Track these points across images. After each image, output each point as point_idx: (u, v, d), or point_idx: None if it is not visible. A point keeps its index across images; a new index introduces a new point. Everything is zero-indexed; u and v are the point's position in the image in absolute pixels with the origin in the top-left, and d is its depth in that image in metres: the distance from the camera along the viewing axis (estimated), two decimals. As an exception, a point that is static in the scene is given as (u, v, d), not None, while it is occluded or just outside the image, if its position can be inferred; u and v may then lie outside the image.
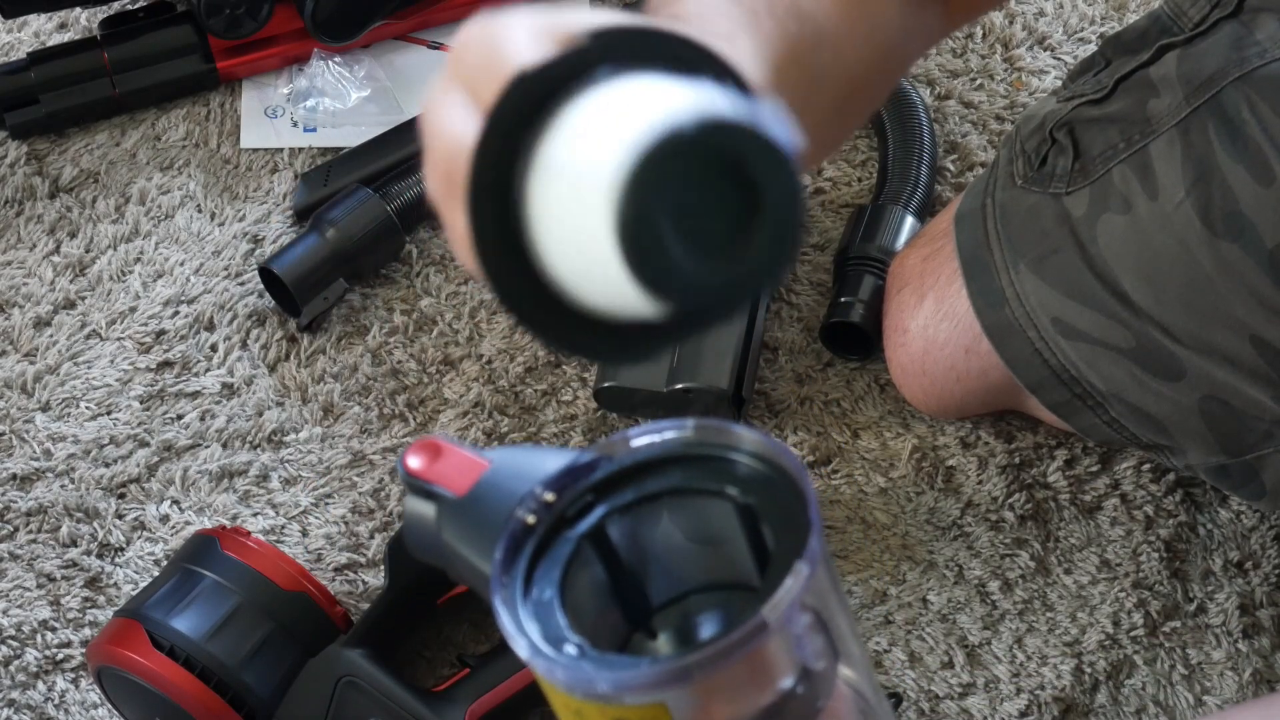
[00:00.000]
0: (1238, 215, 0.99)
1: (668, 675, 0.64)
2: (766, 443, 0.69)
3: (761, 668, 0.66)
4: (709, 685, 0.65)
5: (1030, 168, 1.10)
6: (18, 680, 1.15)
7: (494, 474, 0.73)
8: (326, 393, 1.25)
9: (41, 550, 1.20)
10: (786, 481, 0.68)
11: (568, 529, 0.69)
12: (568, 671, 0.65)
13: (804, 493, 0.67)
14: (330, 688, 1.07)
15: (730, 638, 0.63)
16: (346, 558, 1.19)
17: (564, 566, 0.68)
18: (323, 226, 1.27)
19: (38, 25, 1.44)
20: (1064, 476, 1.20)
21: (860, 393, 1.25)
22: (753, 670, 0.66)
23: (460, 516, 0.73)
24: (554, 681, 0.66)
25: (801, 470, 0.67)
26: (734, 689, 0.66)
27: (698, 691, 0.65)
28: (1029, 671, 1.14)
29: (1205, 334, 1.02)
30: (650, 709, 0.65)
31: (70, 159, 1.37)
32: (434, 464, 0.74)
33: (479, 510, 0.72)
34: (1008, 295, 1.09)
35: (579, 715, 0.67)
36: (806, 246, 1.30)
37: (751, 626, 0.63)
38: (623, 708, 0.65)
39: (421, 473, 0.74)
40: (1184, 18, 1.06)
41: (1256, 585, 1.17)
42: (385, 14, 1.38)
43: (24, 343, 1.28)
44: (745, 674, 0.66)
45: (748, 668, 0.66)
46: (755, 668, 0.66)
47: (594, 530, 0.69)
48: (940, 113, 1.36)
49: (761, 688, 0.67)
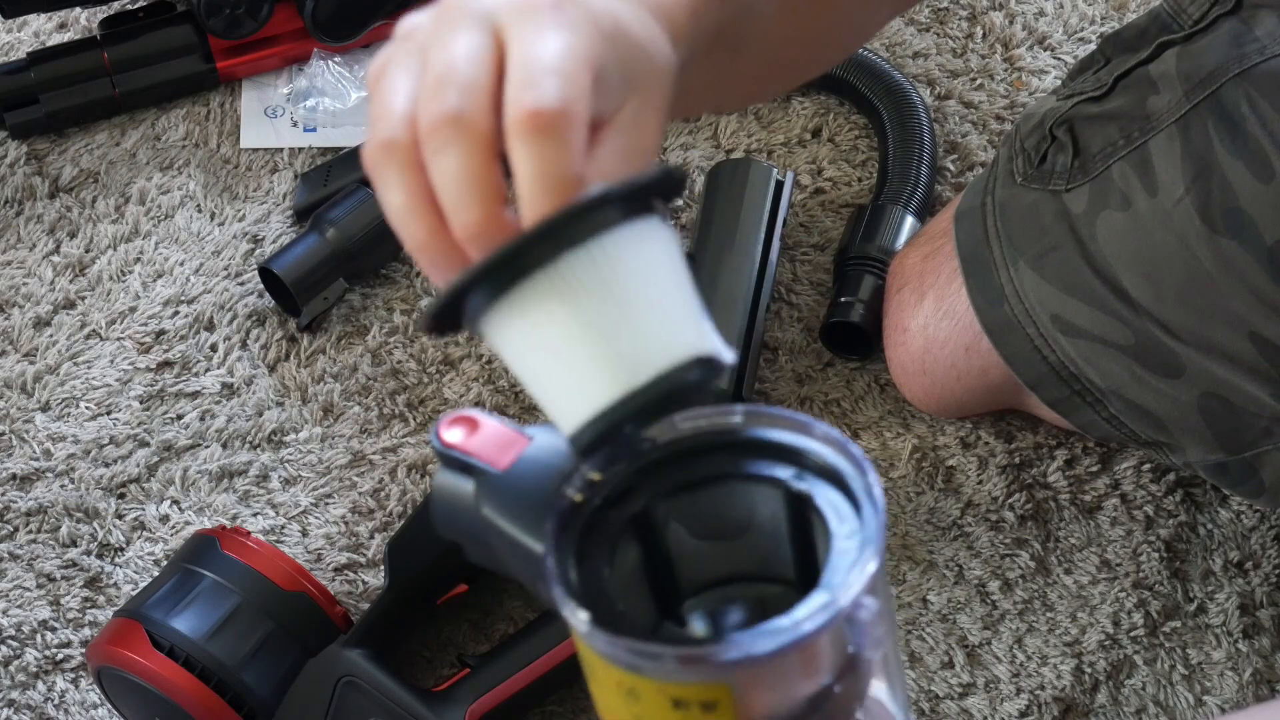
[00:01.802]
0: (1237, 212, 0.99)
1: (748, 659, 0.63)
2: (826, 430, 0.68)
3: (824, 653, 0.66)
4: (776, 667, 0.64)
5: (1030, 165, 1.10)
6: (17, 680, 1.15)
7: (536, 449, 0.71)
8: (326, 393, 1.25)
9: (41, 550, 1.20)
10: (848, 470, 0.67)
11: (612, 510, 0.68)
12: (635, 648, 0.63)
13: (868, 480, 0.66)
14: (330, 688, 1.07)
15: (810, 622, 0.63)
16: (346, 558, 1.19)
17: (610, 547, 0.67)
18: (323, 226, 1.27)
19: (38, 25, 1.44)
20: (1064, 476, 1.20)
21: (860, 393, 1.24)
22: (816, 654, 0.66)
23: (503, 491, 0.70)
24: (612, 658, 0.65)
25: (864, 459, 0.67)
26: (798, 673, 0.66)
27: (766, 675, 0.64)
28: (1029, 671, 1.14)
29: (1204, 331, 1.02)
30: (715, 688, 0.64)
31: (70, 159, 1.37)
32: (472, 437, 0.72)
33: (523, 485, 0.70)
34: (1007, 293, 1.09)
35: (632, 695, 0.66)
36: (806, 246, 1.31)
37: (829, 610, 0.63)
38: (685, 687, 0.64)
39: (460, 445, 0.72)
40: (1184, 15, 1.06)
41: (1257, 585, 1.17)
42: (385, 14, 1.38)
43: (24, 343, 1.28)
44: (810, 658, 0.66)
45: (813, 652, 0.65)
46: (820, 652, 0.66)
47: (639, 513, 0.68)
48: (940, 113, 1.36)
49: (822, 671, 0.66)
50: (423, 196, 0.65)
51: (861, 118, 1.37)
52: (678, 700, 0.65)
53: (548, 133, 0.63)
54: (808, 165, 1.34)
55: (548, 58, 0.64)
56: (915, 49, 1.40)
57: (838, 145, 1.35)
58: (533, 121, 0.63)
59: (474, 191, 0.64)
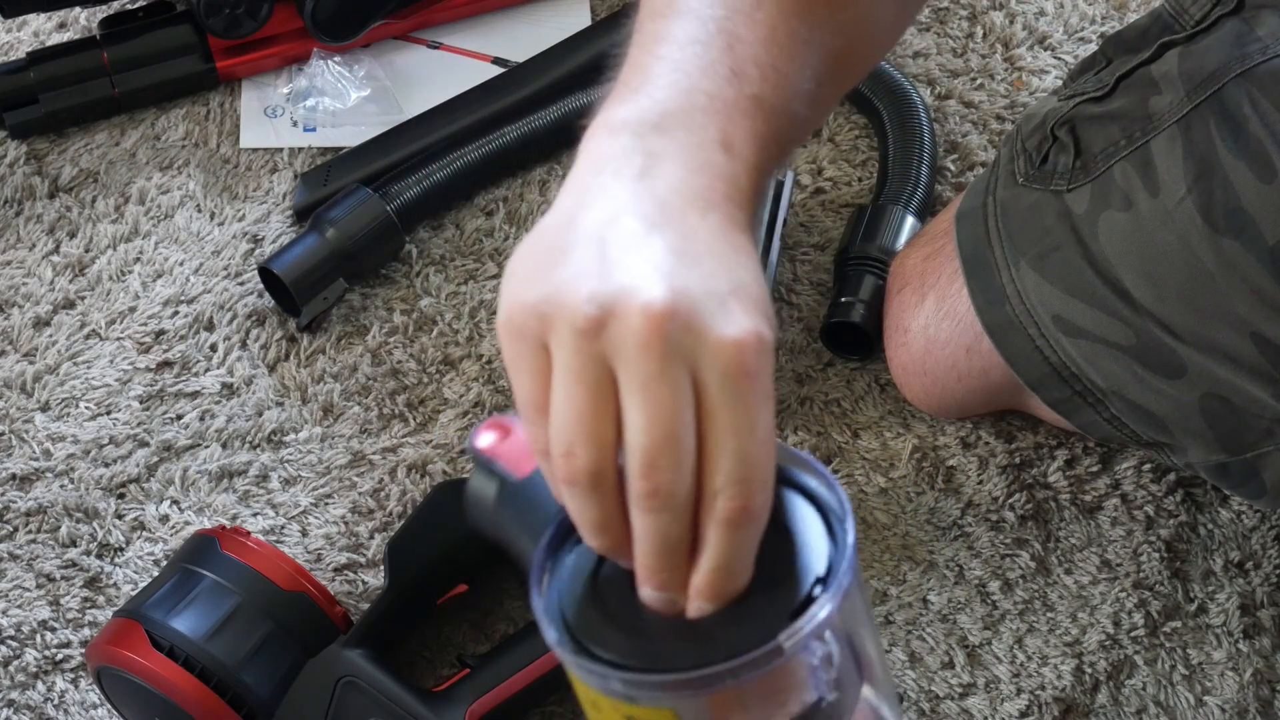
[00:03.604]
0: (1239, 211, 0.99)
1: (678, 684, 0.66)
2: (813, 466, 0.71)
3: (774, 690, 0.68)
4: (720, 699, 0.67)
5: (1031, 165, 1.10)
6: (17, 680, 1.15)
7: None
8: (326, 393, 1.25)
9: (41, 550, 1.20)
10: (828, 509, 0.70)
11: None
12: (586, 666, 0.67)
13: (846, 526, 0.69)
14: (330, 688, 1.07)
15: (744, 659, 0.65)
16: (346, 558, 1.19)
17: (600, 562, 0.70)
18: (323, 226, 1.27)
19: (37, 25, 1.44)
20: (1064, 476, 1.20)
21: (860, 393, 1.24)
22: (765, 691, 0.68)
23: (517, 498, 0.73)
24: (574, 672, 0.68)
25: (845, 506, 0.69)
26: (744, 707, 0.68)
27: (708, 704, 0.67)
28: (1029, 672, 1.14)
29: (1206, 331, 1.02)
30: (660, 713, 0.67)
31: (70, 159, 1.36)
32: (502, 443, 0.74)
33: (536, 495, 0.73)
34: (1008, 293, 1.09)
35: (595, 707, 0.69)
36: (807, 246, 1.31)
37: (766, 651, 0.65)
38: (635, 707, 0.67)
39: (489, 450, 0.74)
40: (1185, 15, 1.06)
41: (1257, 585, 1.17)
42: (385, 14, 1.38)
43: (24, 343, 1.28)
44: (757, 693, 0.68)
45: (760, 688, 0.67)
46: (768, 689, 0.68)
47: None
48: (940, 113, 1.36)
49: (773, 708, 0.69)
50: (620, 517, 0.68)
51: (861, 118, 1.37)
52: (630, 718, 0.68)
53: (744, 526, 0.66)
54: (808, 165, 1.34)
55: (756, 453, 0.66)
56: (915, 49, 1.40)
57: (838, 145, 1.35)
58: (737, 518, 0.66)
59: (670, 558, 0.67)
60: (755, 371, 0.66)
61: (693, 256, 0.68)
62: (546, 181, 1.34)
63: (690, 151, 0.73)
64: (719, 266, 0.69)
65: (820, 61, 0.82)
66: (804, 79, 0.81)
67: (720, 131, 0.75)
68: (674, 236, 0.69)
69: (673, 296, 0.66)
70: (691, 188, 0.72)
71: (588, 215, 0.70)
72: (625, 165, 0.72)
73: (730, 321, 0.66)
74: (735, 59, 0.78)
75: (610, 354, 0.66)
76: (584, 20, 1.43)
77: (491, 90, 1.37)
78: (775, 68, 0.79)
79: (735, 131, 0.75)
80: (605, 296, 0.66)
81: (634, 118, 0.74)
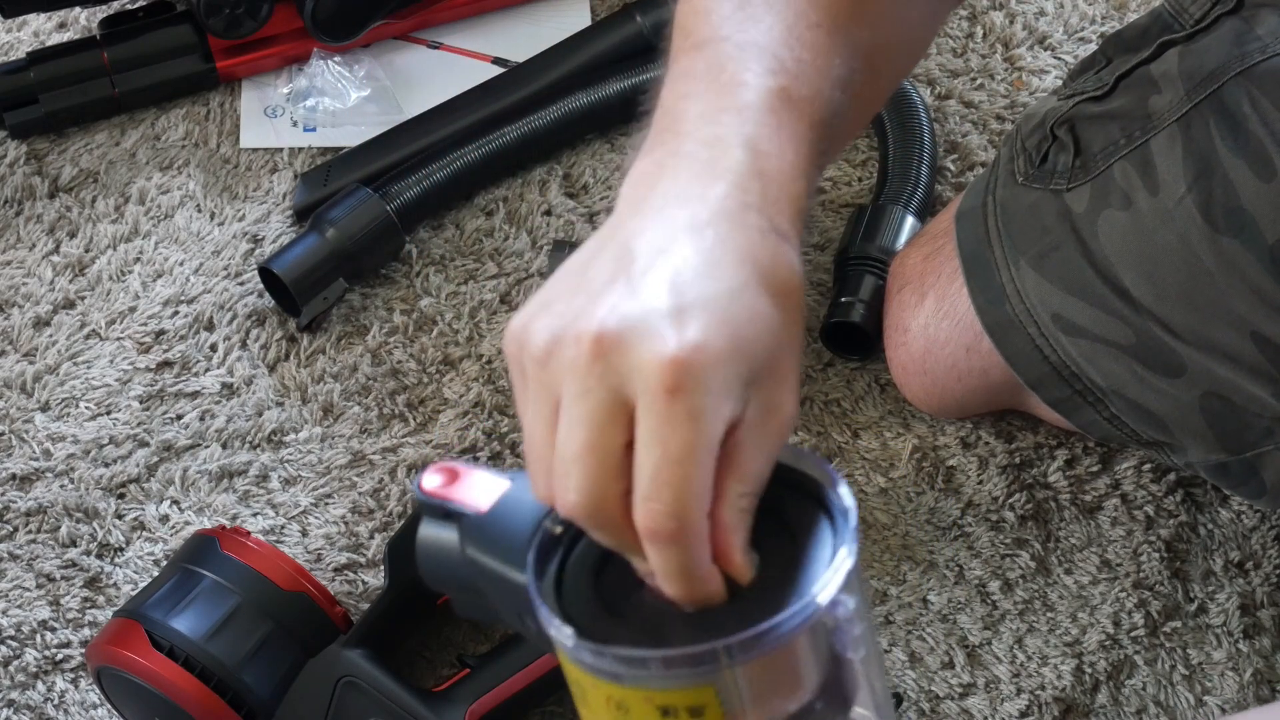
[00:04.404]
0: (1239, 210, 0.99)
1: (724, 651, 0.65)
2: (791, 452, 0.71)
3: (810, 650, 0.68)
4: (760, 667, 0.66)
5: (1031, 165, 1.10)
6: (17, 680, 1.15)
7: (517, 490, 0.74)
8: (326, 393, 1.25)
9: (41, 550, 1.20)
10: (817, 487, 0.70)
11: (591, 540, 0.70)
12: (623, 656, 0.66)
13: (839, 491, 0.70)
14: (330, 688, 1.07)
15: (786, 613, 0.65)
16: (346, 558, 1.19)
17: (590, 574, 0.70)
18: (323, 226, 1.27)
19: (37, 25, 1.44)
20: (1064, 476, 1.20)
21: (860, 393, 1.24)
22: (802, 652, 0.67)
23: (486, 530, 0.73)
24: (599, 670, 0.67)
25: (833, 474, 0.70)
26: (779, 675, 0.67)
27: (747, 673, 0.66)
28: (1029, 672, 1.14)
29: (1206, 330, 1.02)
30: (701, 691, 0.66)
31: (70, 159, 1.36)
32: (453, 485, 0.74)
33: (505, 524, 0.73)
34: (1008, 292, 1.09)
35: (621, 708, 0.67)
36: (807, 246, 1.30)
37: (804, 604, 0.65)
38: (672, 692, 0.66)
39: (439, 493, 0.74)
40: (1185, 14, 1.06)
41: (1257, 585, 1.17)
42: (385, 14, 1.38)
43: (24, 343, 1.28)
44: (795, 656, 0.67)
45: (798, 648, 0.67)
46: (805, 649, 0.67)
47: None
48: (940, 112, 1.36)
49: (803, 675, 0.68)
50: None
51: (862, 118, 1.37)
52: (665, 708, 0.66)
53: (666, 542, 0.67)
54: (808, 165, 1.34)
55: (669, 473, 0.66)
56: (915, 49, 1.40)
57: (838, 145, 1.35)
58: (650, 537, 0.67)
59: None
60: (678, 388, 0.66)
61: (638, 277, 0.69)
62: (546, 181, 1.34)
63: (701, 163, 0.74)
64: (668, 283, 0.68)
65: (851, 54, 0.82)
66: (833, 66, 0.81)
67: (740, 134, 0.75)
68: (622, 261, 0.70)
69: (599, 324, 0.67)
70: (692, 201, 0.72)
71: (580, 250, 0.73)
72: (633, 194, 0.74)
73: (660, 340, 0.67)
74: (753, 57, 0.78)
75: (555, 383, 0.69)
76: (584, 20, 1.43)
77: (491, 90, 1.37)
78: (799, 60, 0.79)
79: (761, 130, 0.75)
80: (556, 329, 0.69)
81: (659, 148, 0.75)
